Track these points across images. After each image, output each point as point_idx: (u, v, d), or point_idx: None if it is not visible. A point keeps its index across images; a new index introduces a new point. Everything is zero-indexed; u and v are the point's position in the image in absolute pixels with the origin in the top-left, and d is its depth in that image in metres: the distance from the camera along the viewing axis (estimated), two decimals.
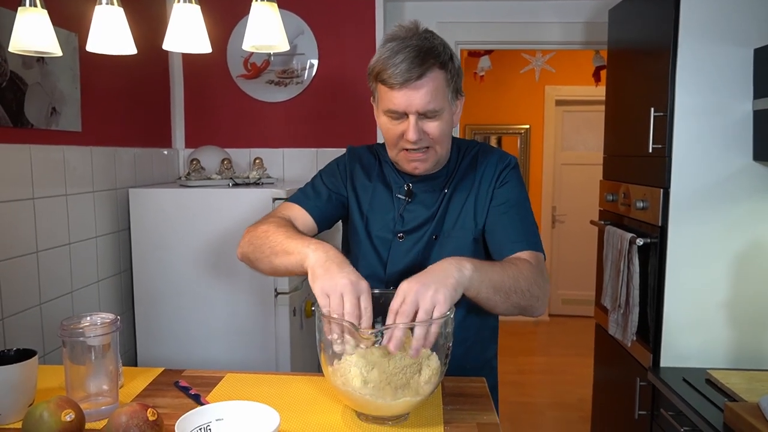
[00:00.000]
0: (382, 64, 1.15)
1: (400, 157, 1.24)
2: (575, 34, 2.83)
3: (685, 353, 1.93)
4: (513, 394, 3.71)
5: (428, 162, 1.23)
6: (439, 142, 1.21)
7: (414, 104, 1.15)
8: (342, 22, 2.67)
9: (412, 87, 1.13)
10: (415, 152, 1.21)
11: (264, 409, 0.94)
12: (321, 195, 1.35)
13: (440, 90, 1.16)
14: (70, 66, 1.89)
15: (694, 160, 1.87)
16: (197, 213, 2.12)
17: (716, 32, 1.84)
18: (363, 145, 1.44)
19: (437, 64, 1.15)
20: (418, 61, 1.12)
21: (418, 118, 1.16)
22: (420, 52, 1.13)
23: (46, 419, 0.90)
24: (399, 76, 1.13)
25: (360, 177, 1.36)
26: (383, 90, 1.18)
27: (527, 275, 1.13)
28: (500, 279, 1.08)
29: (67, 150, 1.89)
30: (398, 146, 1.22)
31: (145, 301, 2.18)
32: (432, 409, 1.09)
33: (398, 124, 1.19)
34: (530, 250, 1.22)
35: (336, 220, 1.39)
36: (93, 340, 1.07)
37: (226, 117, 2.74)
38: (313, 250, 1.06)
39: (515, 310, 1.13)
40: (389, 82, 1.14)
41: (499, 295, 1.08)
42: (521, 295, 1.11)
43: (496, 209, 1.27)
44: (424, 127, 1.18)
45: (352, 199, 1.36)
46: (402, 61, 1.12)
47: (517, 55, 4.90)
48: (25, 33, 1.24)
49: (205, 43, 1.29)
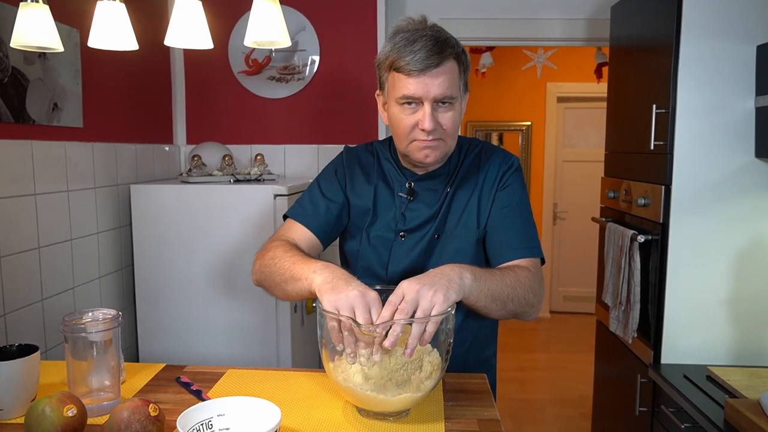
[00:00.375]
0: (397, 52, 1.15)
1: (411, 147, 1.22)
2: (577, 31, 2.83)
3: (686, 350, 1.93)
4: (514, 391, 3.72)
5: (438, 151, 1.21)
6: (449, 134, 1.20)
7: (432, 91, 1.14)
8: (343, 19, 2.66)
9: (431, 74, 1.14)
10: (428, 141, 1.19)
11: (265, 405, 0.94)
12: (319, 209, 1.33)
13: (454, 80, 1.17)
14: (72, 62, 1.89)
15: (696, 157, 1.87)
16: (198, 209, 2.12)
17: (718, 29, 1.83)
18: (360, 145, 1.42)
19: (453, 55, 1.16)
20: (436, 49, 1.14)
21: (433, 108, 1.16)
22: (437, 41, 1.14)
23: (48, 414, 0.90)
24: (419, 62, 1.13)
25: (359, 178, 1.35)
26: (398, 78, 1.17)
27: (524, 283, 1.16)
28: (498, 288, 1.11)
29: (68, 146, 1.89)
30: (410, 136, 1.20)
31: (147, 297, 2.18)
32: (433, 405, 1.09)
33: (412, 113, 1.18)
34: (530, 258, 1.23)
35: (340, 230, 1.37)
36: (95, 336, 1.07)
37: (227, 113, 2.73)
38: (318, 273, 1.06)
39: (509, 316, 1.17)
40: (407, 69, 1.14)
41: (495, 303, 1.11)
42: (517, 303, 1.14)
43: (497, 212, 1.27)
44: (438, 117, 1.17)
45: (352, 201, 1.34)
46: (420, 48, 1.13)
47: (519, 52, 4.88)
48: (27, 28, 1.24)
49: (207, 39, 1.29)
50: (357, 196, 1.34)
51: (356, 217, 1.34)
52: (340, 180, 1.36)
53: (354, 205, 1.34)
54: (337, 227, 1.35)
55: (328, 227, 1.33)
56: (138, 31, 1.36)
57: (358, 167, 1.36)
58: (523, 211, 1.28)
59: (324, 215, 1.32)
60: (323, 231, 1.32)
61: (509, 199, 1.28)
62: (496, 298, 1.10)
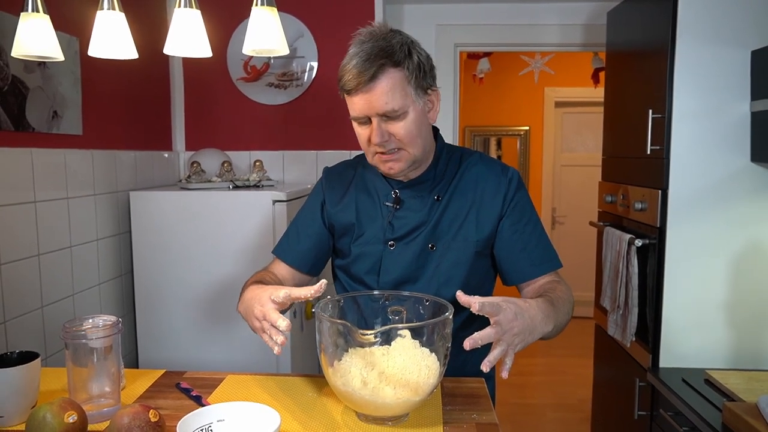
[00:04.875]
0: (340, 70, 1.17)
1: (375, 160, 1.24)
2: (574, 36, 2.84)
3: (684, 354, 1.94)
4: (513, 396, 3.72)
5: (402, 161, 1.21)
6: (407, 143, 1.19)
7: (372, 107, 1.15)
8: (341, 25, 2.67)
9: (365, 90, 1.14)
10: (385, 154, 1.20)
11: (265, 410, 0.94)
12: (301, 240, 1.36)
13: (397, 89, 1.14)
14: (72, 70, 1.91)
15: (692, 161, 1.88)
16: (198, 215, 2.13)
17: (714, 34, 1.85)
18: (340, 163, 1.43)
19: (390, 64, 1.13)
20: (367, 64, 1.12)
21: (381, 120, 1.16)
22: (370, 55, 1.13)
23: (49, 421, 0.90)
24: (352, 81, 1.14)
25: (339, 196, 1.35)
26: (345, 97, 1.19)
27: (566, 298, 1.20)
28: (560, 319, 1.14)
29: (68, 153, 1.90)
30: (370, 150, 1.22)
31: (147, 303, 2.18)
32: (431, 409, 1.09)
33: (366, 128, 1.20)
34: (555, 269, 1.28)
35: (324, 253, 1.39)
36: (95, 342, 1.08)
37: (226, 119, 2.75)
38: (237, 309, 1.24)
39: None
40: (345, 88, 1.16)
41: (555, 329, 1.13)
42: (566, 320, 1.18)
43: (511, 229, 1.27)
44: (389, 128, 1.17)
45: (336, 221, 1.34)
46: (354, 66, 1.13)
47: (516, 57, 4.91)
48: (28, 38, 1.25)
49: (206, 47, 1.30)
50: (341, 215, 1.34)
51: (342, 235, 1.34)
52: (321, 205, 1.37)
53: (339, 224, 1.34)
54: (319, 251, 1.37)
55: (311, 257, 1.36)
56: (137, 39, 1.37)
57: (338, 186, 1.37)
58: (537, 225, 1.29)
59: (299, 245, 1.36)
60: (301, 259, 1.36)
61: (521, 215, 1.28)
62: (560, 328, 1.15)
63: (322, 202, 1.36)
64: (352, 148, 2.68)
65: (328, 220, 1.35)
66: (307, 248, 1.35)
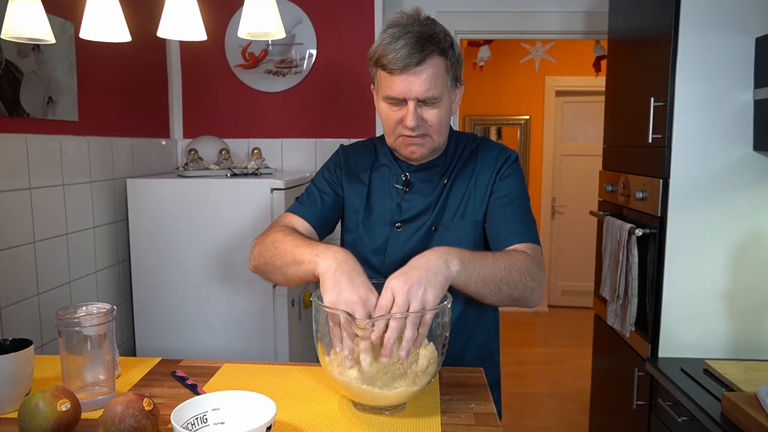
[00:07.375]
0: (382, 49, 1.14)
1: (398, 143, 1.24)
2: (575, 24, 2.81)
3: (683, 344, 1.93)
4: (512, 385, 3.72)
5: (425, 147, 1.23)
6: (436, 130, 1.20)
7: (413, 90, 1.14)
8: (341, 12, 2.65)
9: (412, 73, 1.13)
10: (413, 138, 1.20)
11: (261, 399, 0.93)
12: (316, 201, 1.35)
13: (440, 77, 1.16)
14: (67, 55, 1.88)
15: (694, 150, 1.86)
16: (195, 203, 2.11)
17: (717, 21, 1.82)
18: (356, 142, 1.44)
19: (437, 51, 1.14)
20: (418, 47, 1.12)
21: (417, 105, 1.16)
22: (421, 38, 1.13)
23: (42, 409, 0.89)
24: (399, 62, 1.12)
25: (354, 172, 1.36)
26: (383, 76, 1.17)
27: (521, 266, 1.11)
28: (490, 272, 1.07)
29: (63, 140, 1.88)
30: (396, 132, 1.22)
31: (144, 291, 2.18)
32: (429, 398, 1.09)
33: (397, 110, 1.19)
34: (528, 242, 1.21)
35: (335, 222, 1.39)
36: (89, 330, 1.06)
37: (224, 107, 2.72)
38: (322, 258, 1.04)
39: (507, 301, 1.12)
40: (389, 67, 1.14)
41: (488, 287, 1.07)
42: (513, 287, 1.10)
43: (496, 202, 1.27)
44: (423, 114, 1.17)
45: (347, 197, 1.36)
46: (402, 46, 1.12)
47: (517, 45, 4.87)
48: (17, 19, 1.23)
49: (200, 30, 1.28)
50: (352, 192, 1.35)
51: (352, 211, 1.35)
52: (336, 175, 1.37)
53: (349, 200, 1.35)
54: (332, 218, 1.37)
55: (324, 217, 1.35)
56: (133, 23, 1.35)
57: (353, 163, 1.38)
58: (522, 201, 1.28)
59: (320, 207, 1.35)
60: (319, 221, 1.34)
61: (508, 189, 1.27)
62: (488, 282, 1.06)
63: (338, 174, 1.37)
64: (351, 136, 2.66)
65: (341, 192, 1.37)
66: (325, 212, 1.35)
